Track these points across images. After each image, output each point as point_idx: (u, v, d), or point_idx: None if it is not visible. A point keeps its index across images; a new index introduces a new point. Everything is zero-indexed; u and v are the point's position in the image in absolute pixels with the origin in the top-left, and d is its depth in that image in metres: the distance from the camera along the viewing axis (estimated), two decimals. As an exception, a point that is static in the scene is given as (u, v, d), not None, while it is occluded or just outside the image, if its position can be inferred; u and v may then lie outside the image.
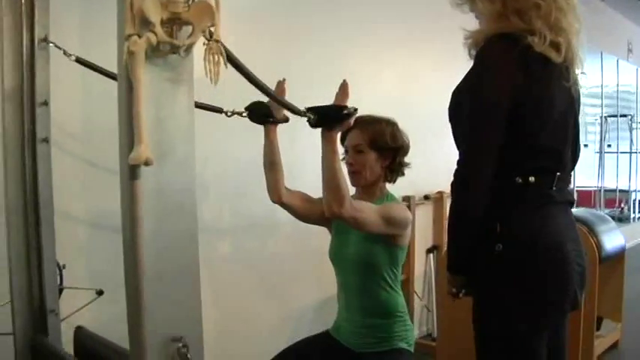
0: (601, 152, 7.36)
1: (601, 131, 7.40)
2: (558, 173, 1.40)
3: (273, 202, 1.93)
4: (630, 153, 8.08)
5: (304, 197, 1.98)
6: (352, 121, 1.70)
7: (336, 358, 1.92)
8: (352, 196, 1.81)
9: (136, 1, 0.88)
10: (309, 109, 1.57)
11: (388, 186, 1.99)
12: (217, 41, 0.97)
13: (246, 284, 2.73)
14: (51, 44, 1.66)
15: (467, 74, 1.41)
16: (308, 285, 3.00)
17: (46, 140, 1.64)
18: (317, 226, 2.04)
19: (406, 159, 1.97)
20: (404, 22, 3.50)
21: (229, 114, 1.81)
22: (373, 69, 3.31)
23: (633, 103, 8.16)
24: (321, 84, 1.91)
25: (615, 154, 7.71)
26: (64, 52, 1.69)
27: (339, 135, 1.71)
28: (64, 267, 1.75)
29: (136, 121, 0.89)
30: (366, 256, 1.86)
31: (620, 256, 3.50)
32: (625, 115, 8.00)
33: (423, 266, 3.65)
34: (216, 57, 0.98)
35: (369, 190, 1.93)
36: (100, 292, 1.86)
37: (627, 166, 8.02)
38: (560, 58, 1.35)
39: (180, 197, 0.98)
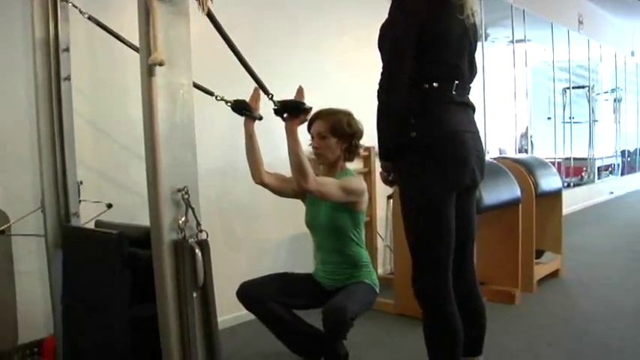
0: (555, 123, 7.70)
1: (555, 103, 7.73)
2: (457, 81, 1.86)
3: (256, 183, 2.34)
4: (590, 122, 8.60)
5: (281, 177, 2.39)
6: (308, 117, 2.10)
7: (315, 289, 2.38)
8: (318, 173, 2.28)
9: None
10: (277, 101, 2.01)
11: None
12: (204, -16, 1.42)
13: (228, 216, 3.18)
14: (70, 4, 2.09)
15: (388, 14, 1.87)
16: (284, 222, 3.44)
17: (68, 79, 2.09)
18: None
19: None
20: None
21: (218, 98, 2.14)
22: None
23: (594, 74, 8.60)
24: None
25: (569, 124, 7.97)
26: (80, 11, 2.12)
27: (299, 127, 2.10)
28: (81, 183, 2.19)
29: (153, 36, 1.34)
30: (334, 221, 2.31)
31: (556, 196, 4.02)
32: (583, 87, 8.52)
33: (384, 211, 4.13)
34: (204, -4, 1.43)
35: (331, 167, 2.37)
36: (109, 205, 2.30)
37: (587, 135, 8.54)
38: None
39: (182, 90, 1.44)
